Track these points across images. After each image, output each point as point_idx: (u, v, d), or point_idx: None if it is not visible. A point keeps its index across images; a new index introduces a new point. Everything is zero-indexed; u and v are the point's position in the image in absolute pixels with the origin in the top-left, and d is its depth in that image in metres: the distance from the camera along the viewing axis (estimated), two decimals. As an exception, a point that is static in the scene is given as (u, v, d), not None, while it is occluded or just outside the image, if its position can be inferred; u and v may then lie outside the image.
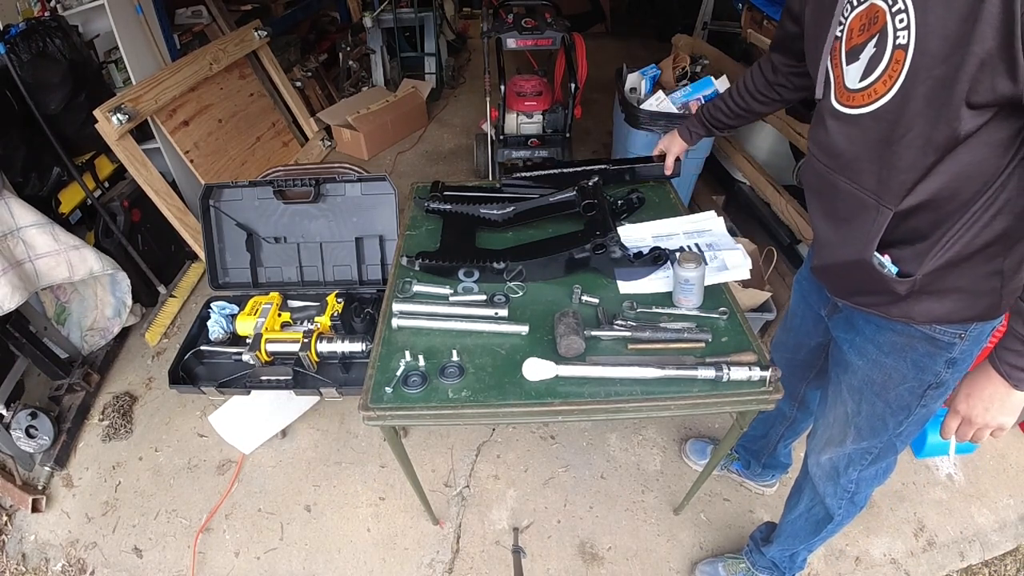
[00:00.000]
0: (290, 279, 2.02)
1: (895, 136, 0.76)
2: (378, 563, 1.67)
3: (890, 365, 0.98)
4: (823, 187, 0.92)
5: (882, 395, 1.01)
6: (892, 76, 0.73)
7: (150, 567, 1.69)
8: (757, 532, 1.54)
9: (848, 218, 0.88)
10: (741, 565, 1.54)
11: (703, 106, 1.39)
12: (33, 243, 1.90)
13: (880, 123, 0.77)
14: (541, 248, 1.32)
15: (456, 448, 1.95)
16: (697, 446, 1.86)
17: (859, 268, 0.88)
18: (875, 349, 0.99)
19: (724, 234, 1.38)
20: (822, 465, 1.20)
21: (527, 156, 2.99)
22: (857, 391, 1.05)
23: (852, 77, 0.80)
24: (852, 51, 0.79)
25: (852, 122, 0.82)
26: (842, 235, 0.91)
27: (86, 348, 2.24)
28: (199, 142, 2.80)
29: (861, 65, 0.78)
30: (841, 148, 0.85)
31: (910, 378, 0.96)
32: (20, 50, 1.96)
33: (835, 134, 0.86)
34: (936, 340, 0.90)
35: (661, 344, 1.12)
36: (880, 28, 0.73)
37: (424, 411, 1.03)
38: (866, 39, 0.76)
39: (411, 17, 4.12)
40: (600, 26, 6.10)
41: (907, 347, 0.94)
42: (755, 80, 1.23)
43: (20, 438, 1.85)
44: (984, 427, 0.84)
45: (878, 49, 0.74)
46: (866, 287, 0.92)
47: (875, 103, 0.77)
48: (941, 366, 0.93)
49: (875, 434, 1.06)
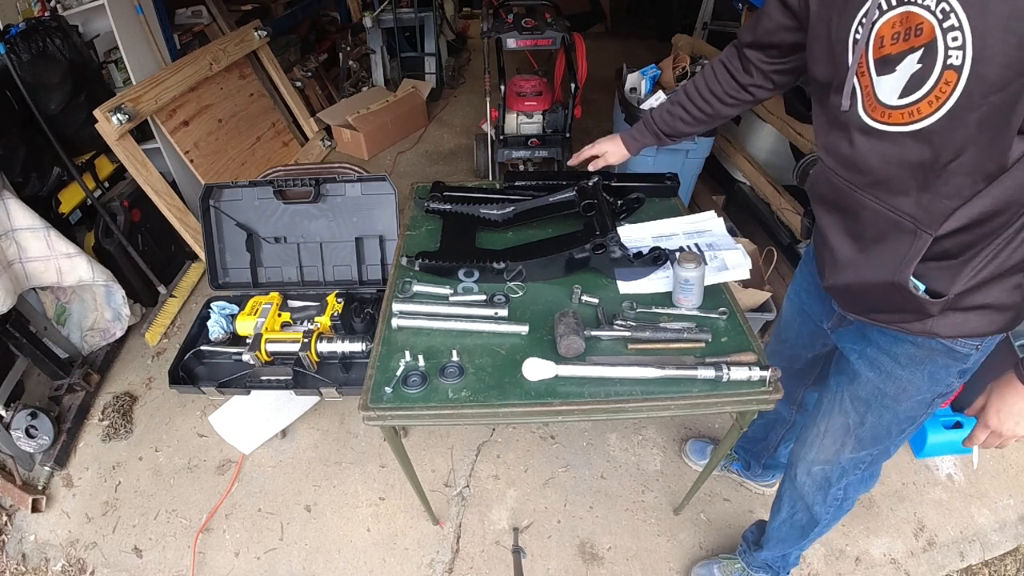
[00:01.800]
0: (290, 279, 2.02)
1: (940, 161, 0.70)
2: (378, 563, 1.67)
3: (905, 377, 0.95)
4: (844, 204, 0.87)
5: (892, 407, 0.99)
6: (940, 98, 0.67)
7: (150, 567, 1.69)
8: (749, 532, 1.53)
9: (878, 239, 0.83)
10: (736, 565, 1.53)
11: (653, 113, 1.26)
12: (26, 245, 1.91)
13: (923, 145, 0.71)
14: (541, 248, 1.32)
15: (456, 448, 1.95)
16: (697, 446, 1.86)
17: (891, 290, 0.83)
18: (890, 361, 0.96)
19: (724, 234, 1.38)
20: (813, 475, 1.18)
21: (527, 156, 2.99)
22: (864, 402, 1.02)
23: (887, 91, 0.73)
24: (884, 61, 0.72)
25: (888, 139, 0.75)
26: (870, 257, 0.85)
27: (86, 348, 2.24)
28: (199, 142, 2.80)
29: (900, 80, 0.71)
30: (871, 165, 0.79)
31: (924, 390, 0.95)
32: (20, 50, 1.96)
33: (864, 150, 0.79)
34: (955, 352, 0.89)
35: (661, 344, 1.12)
36: (926, 43, 0.66)
37: (424, 411, 1.03)
38: (904, 50, 0.69)
39: (411, 17, 4.12)
40: (600, 26, 6.10)
41: (925, 359, 0.91)
42: (721, 82, 1.13)
43: (20, 438, 1.85)
44: (1013, 438, 0.85)
45: (924, 66, 0.68)
46: (891, 306, 0.88)
47: (918, 123, 0.70)
48: (954, 376, 0.92)
49: (876, 442, 1.06)
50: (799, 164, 2.38)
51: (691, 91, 1.18)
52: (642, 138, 1.31)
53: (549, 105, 3.00)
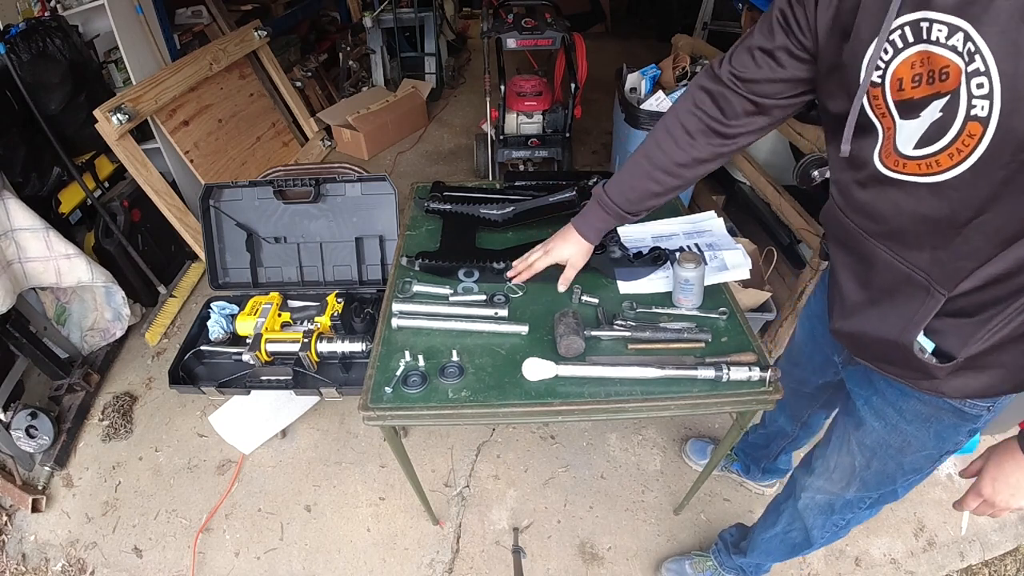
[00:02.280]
0: (290, 279, 2.02)
1: (959, 218, 0.64)
2: (378, 563, 1.67)
3: (910, 432, 0.90)
4: (856, 249, 0.81)
5: (896, 458, 0.95)
6: (962, 151, 0.60)
7: (150, 567, 1.69)
8: (728, 534, 1.51)
9: (889, 291, 0.77)
10: (708, 563, 1.53)
11: (610, 191, 1.03)
12: (25, 246, 1.91)
13: (942, 200, 0.65)
14: (541, 248, 1.32)
15: (456, 448, 1.95)
16: (697, 446, 1.86)
17: (895, 347, 0.78)
18: (896, 414, 0.91)
19: (724, 234, 1.38)
20: (817, 502, 1.14)
21: (527, 156, 3.00)
22: (869, 449, 0.98)
23: (905, 138, 0.66)
24: (907, 105, 0.64)
25: (903, 189, 0.68)
26: (879, 309, 0.80)
27: (86, 348, 2.24)
28: (199, 142, 2.80)
29: (920, 128, 0.63)
30: (884, 214, 0.73)
31: (930, 446, 0.90)
32: (20, 50, 1.95)
33: (876, 196, 0.73)
34: (964, 413, 0.83)
35: (661, 344, 1.12)
36: (951, 90, 0.59)
37: (424, 411, 1.03)
38: (927, 95, 0.62)
39: (411, 17, 4.12)
40: (600, 26, 6.10)
41: (932, 418, 0.86)
42: (695, 139, 0.93)
43: (20, 438, 1.85)
44: (1007, 510, 0.80)
45: (945, 115, 0.60)
46: (898, 361, 0.82)
47: (935, 176, 0.64)
48: (963, 435, 0.88)
49: (881, 486, 1.02)
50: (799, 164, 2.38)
51: (659, 161, 0.97)
52: (604, 225, 1.09)
53: (549, 105, 3.00)
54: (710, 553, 1.55)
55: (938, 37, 0.58)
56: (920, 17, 0.59)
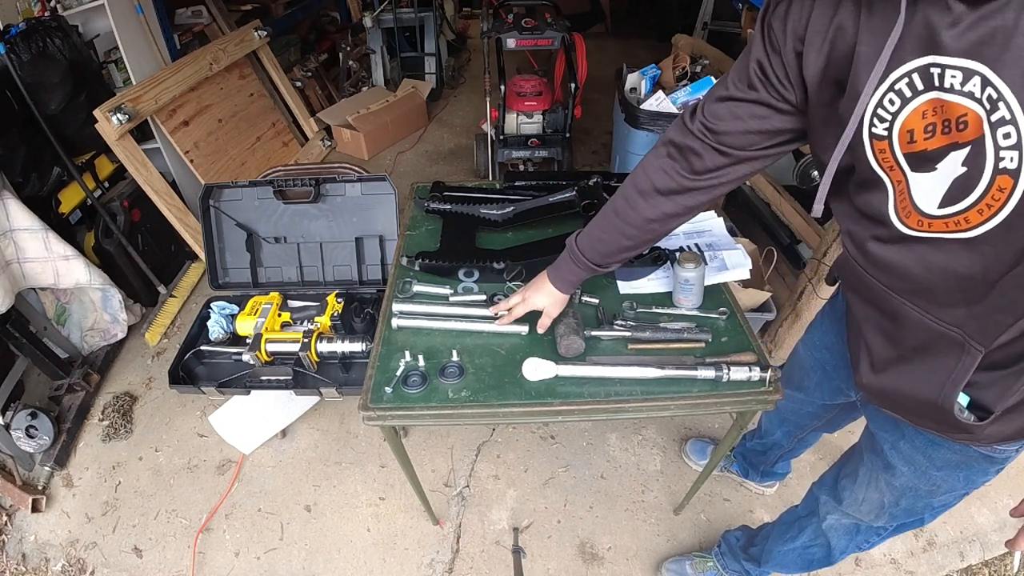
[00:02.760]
0: (290, 279, 2.02)
1: (994, 272, 0.60)
2: (378, 563, 1.67)
3: (940, 478, 0.88)
4: (880, 305, 0.76)
5: (926, 499, 0.94)
6: (992, 206, 0.56)
7: (150, 567, 1.69)
8: (732, 536, 1.49)
9: (921, 350, 0.72)
10: (709, 563, 1.52)
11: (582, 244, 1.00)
12: (24, 246, 1.92)
13: (974, 255, 0.60)
14: (541, 248, 1.33)
15: (456, 448, 1.95)
16: (697, 446, 1.86)
17: (932, 408, 0.73)
18: (925, 461, 0.87)
19: (724, 234, 1.38)
20: (844, 524, 1.12)
21: (527, 156, 3.00)
22: (898, 490, 0.95)
23: (925, 196, 0.61)
24: (920, 158, 0.60)
25: (933, 245, 0.63)
26: (911, 366, 0.75)
27: (86, 348, 2.24)
28: (199, 142, 2.80)
29: (941, 184, 0.59)
30: (912, 273, 0.68)
31: (959, 488, 0.89)
32: (20, 50, 1.95)
33: (903, 256, 0.68)
34: (994, 458, 0.81)
35: (661, 344, 1.12)
36: (971, 140, 0.54)
37: (424, 411, 1.03)
38: (943, 146, 0.57)
39: (411, 17, 4.12)
40: (600, 26, 6.10)
41: (962, 464, 0.84)
42: (665, 197, 0.88)
43: (20, 438, 1.85)
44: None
45: (970, 170, 0.56)
46: (932, 416, 0.77)
47: (966, 232, 0.59)
48: (992, 475, 0.86)
49: (909, 515, 1.01)
50: (799, 164, 2.38)
51: (628, 217, 0.93)
52: (577, 279, 1.06)
53: (549, 105, 3.00)
54: (711, 554, 1.54)
55: (952, 84, 0.54)
56: (929, 63, 0.54)
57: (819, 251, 1.87)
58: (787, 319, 2.07)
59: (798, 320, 2.01)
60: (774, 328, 2.16)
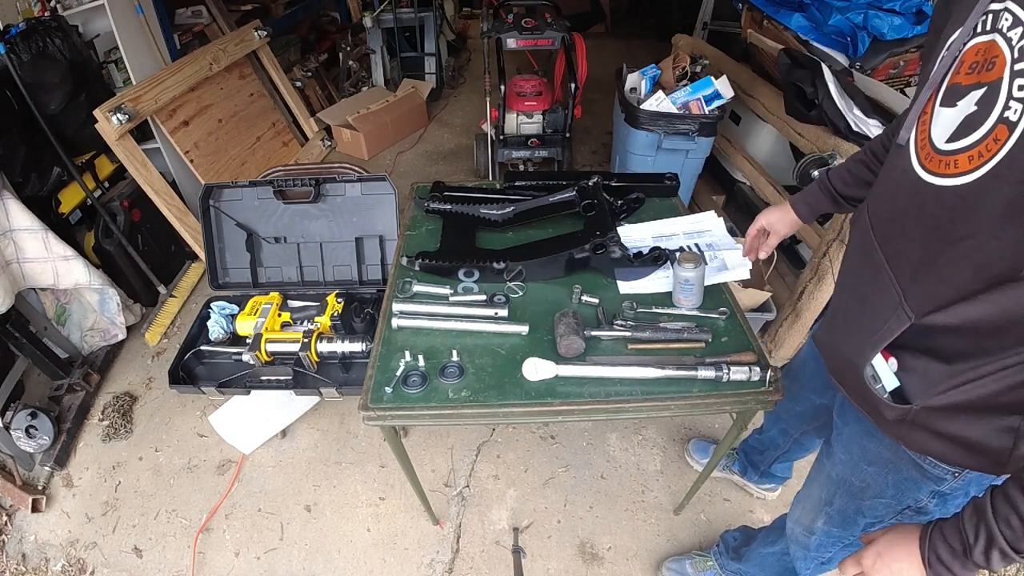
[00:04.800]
0: (290, 279, 2.02)
1: (953, 234, 0.61)
2: (378, 563, 1.67)
3: (870, 474, 0.86)
4: (859, 245, 0.80)
5: (856, 499, 0.92)
6: (983, 155, 0.56)
7: (150, 567, 1.69)
8: (731, 536, 1.50)
9: (863, 299, 0.75)
10: (709, 563, 1.52)
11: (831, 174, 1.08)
12: (24, 246, 1.92)
13: (941, 209, 0.62)
14: (541, 248, 1.33)
15: (456, 448, 1.95)
16: (700, 445, 1.86)
17: (850, 369, 0.75)
18: (859, 451, 0.87)
19: (724, 234, 1.38)
20: (795, 533, 1.11)
21: (527, 156, 3.00)
22: (834, 483, 0.95)
23: (941, 128, 0.63)
24: (952, 91, 0.62)
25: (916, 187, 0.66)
26: (849, 322, 0.78)
27: (86, 348, 2.24)
28: (199, 142, 2.80)
29: (955, 119, 0.61)
30: (895, 212, 0.71)
31: (888, 496, 0.86)
32: (20, 50, 1.96)
33: (896, 192, 0.71)
34: (925, 470, 0.78)
35: (661, 344, 1.12)
36: (992, 81, 0.56)
37: (424, 411, 1.03)
38: (972, 84, 0.60)
39: (411, 17, 4.12)
40: (600, 26, 6.11)
41: (891, 464, 0.82)
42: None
43: (20, 438, 1.85)
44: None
45: (980, 110, 0.57)
46: (852, 386, 0.78)
47: (948, 179, 0.61)
48: (925, 495, 0.81)
49: (845, 527, 0.97)
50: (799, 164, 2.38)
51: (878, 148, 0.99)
52: (817, 203, 1.11)
53: (549, 105, 3.00)
54: (711, 553, 1.55)
55: (1002, 26, 0.57)
56: (1000, 7, 0.58)
57: (819, 251, 1.87)
58: (787, 319, 2.07)
59: (798, 320, 2.01)
60: (774, 328, 2.16)
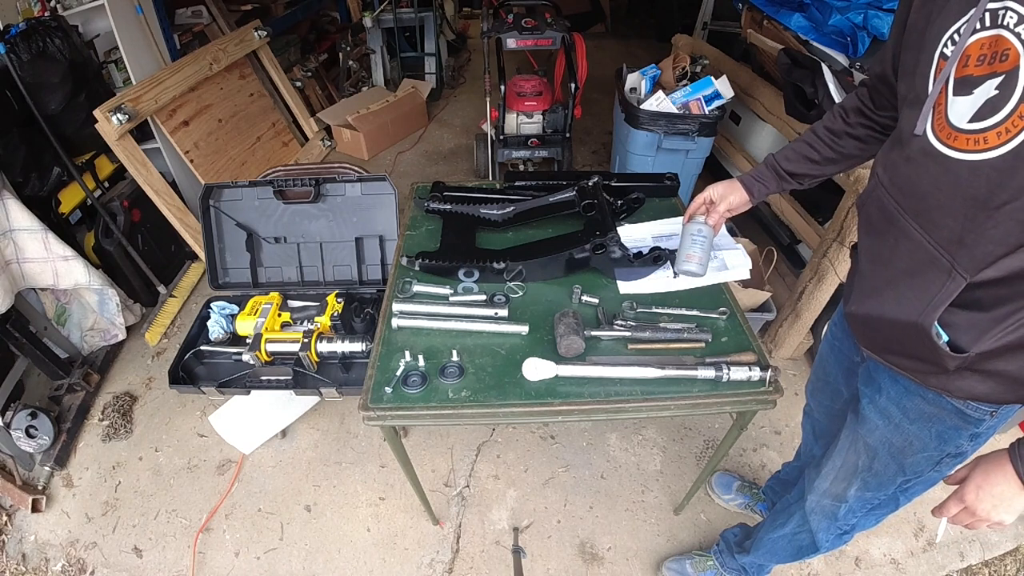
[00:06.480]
0: (290, 279, 2.02)
1: (994, 200, 0.66)
2: (378, 563, 1.67)
3: (912, 432, 0.91)
4: (886, 227, 0.82)
5: (898, 458, 0.96)
6: (1010, 130, 0.62)
7: (150, 567, 1.69)
8: (730, 533, 1.51)
9: (911, 273, 0.78)
10: (709, 563, 1.52)
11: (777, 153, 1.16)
12: (23, 246, 1.92)
13: (979, 179, 0.66)
14: (541, 248, 1.33)
15: (456, 448, 1.95)
16: (723, 480, 1.80)
17: (911, 332, 0.78)
18: (899, 413, 0.91)
19: (724, 234, 1.38)
20: (823, 506, 1.15)
21: (527, 156, 3.00)
22: (872, 449, 0.99)
23: (959, 113, 0.68)
24: (964, 81, 0.68)
25: (945, 165, 0.70)
26: (898, 290, 0.81)
27: (86, 348, 2.24)
28: (199, 142, 2.80)
29: (974, 104, 0.66)
30: (923, 189, 0.74)
31: (931, 447, 0.90)
32: (20, 50, 1.96)
33: (920, 170, 0.74)
34: (967, 416, 0.83)
35: (661, 344, 1.12)
36: (1009, 70, 0.63)
37: (424, 411, 1.03)
38: (986, 74, 0.65)
39: (411, 17, 4.12)
40: (600, 26, 6.11)
41: (934, 417, 0.87)
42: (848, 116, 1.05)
43: (20, 438, 1.85)
44: (985, 521, 0.79)
45: (1000, 93, 0.64)
46: (906, 351, 0.83)
47: (980, 153, 0.66)
48: (965, 439, 0.87)
49: (881, 488, 1.02)
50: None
51: (819, 130, 1.08)
52: (763, 180, 1.16)
53: (549, 105, 3.00)
54: (711, 553, 1.54)
55: (1009, 23, 0.63)
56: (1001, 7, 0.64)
57: (819, 251, 1.87)
58: (787, 319, 2.07)
59: (798, 320, 2.01)
60: (774, 328, 2.16)
